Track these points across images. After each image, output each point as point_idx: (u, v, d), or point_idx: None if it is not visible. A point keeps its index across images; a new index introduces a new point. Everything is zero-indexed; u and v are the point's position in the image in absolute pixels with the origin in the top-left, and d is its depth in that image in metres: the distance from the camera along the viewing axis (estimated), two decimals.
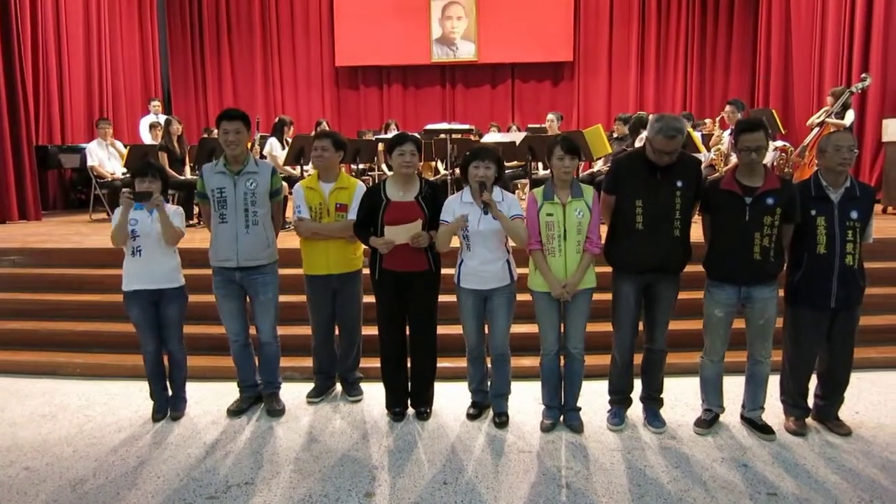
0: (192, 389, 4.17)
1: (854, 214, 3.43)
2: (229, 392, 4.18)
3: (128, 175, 7.64)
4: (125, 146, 8.63)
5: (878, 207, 7.70)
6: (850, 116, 7.62)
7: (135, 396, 4.28)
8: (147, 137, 9.48)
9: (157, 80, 12.42)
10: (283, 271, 4.13)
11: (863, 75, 7.87)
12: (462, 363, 4.01)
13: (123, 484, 3.21)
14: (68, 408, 4.17)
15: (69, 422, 3.96)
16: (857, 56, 9.03)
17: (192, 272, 4.16)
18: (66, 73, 9.75)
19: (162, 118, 9.16)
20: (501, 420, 3.79)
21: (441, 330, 3.99)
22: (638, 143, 6.66)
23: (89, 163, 8.28)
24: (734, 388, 3.80)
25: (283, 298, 4.13)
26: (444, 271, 3.88)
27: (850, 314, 3.56)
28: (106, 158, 8.36)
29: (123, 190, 3.72)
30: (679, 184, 3.47)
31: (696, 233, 3.67)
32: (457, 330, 3.94)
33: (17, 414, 4.08)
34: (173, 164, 7.60)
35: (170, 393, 4.04)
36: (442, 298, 3.92)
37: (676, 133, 3.35)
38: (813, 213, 3.46)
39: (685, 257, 3.61)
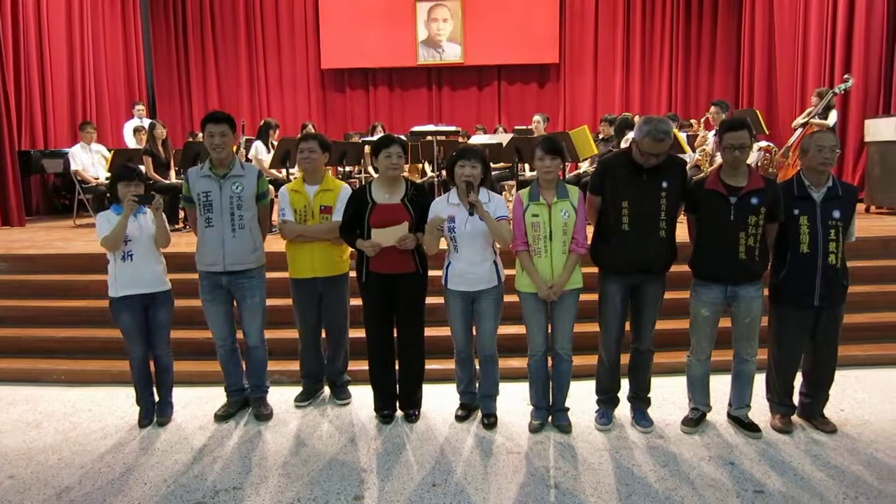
0: (179, 395, 4.15)
1: (836, 214, 3.46)
2: (216, 397, 4.15)
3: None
4: (109, 150, 8.57)
5: (860, 207, 7.79)
6: (833, 117, 7.69)
7: (120, 402, 4.25)
8: (131, 141, 9.42)
9: (142, 83, 12.33)
10: (270, 275, 4.11)
11: (845, 76, 7.95)
12: (450, 365, 4.01)
13: (110, 491, 3.18)
14: (53, 415, 4.13)
15: (54, 429, 3.92)
16: (840, 57, 9.13)
17: (177, 276, 4.13)
18: (49, 77, 9.65)
19: (146, 122, 9.10)
20: (490, 421, 3.80)
21: (429, 332, 3.99)
22: (624, 144, 6.69)
23: (73, 167, 8.19)
24: (721, 387, 3.83)
25: (270, 302, 4.12)
26: (431, 273, 3.88)
27: (834, 312, 3.59)
28: (90, 163, 8.29)
29: (129, 195, 3.67)
30: (664, 184, 3.49)
31: (682, 233, 3.69)
32: (445, 332, 3.94)
33: (1, 422, 4.04)
34: (158, 168, 7.54)
35: (156, 398, 4.01)
36: (429, 300, 3.93)
37: (664, 136, 3.37)
38: (796, 212, 3.49)
39: (671, 258, 3.63)
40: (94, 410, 4.19)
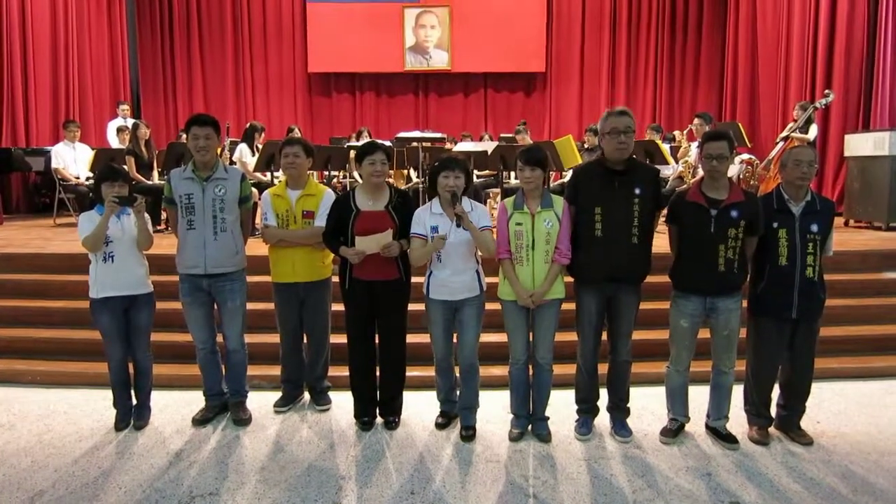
0: (157, 398, 4.11)
1: (814, 228, 3.50)
2: (195, 401, 4.12)
3: (92, 179, 7.49)
4: (92, 149, 8.49)
5: (839, 221, 7.89)
6: (813, 131, 7.80)
7: (97, 405, 4.20)
8: (115, 141, 9.34)
9: (126, 83, 12.21)
10: (251, 279, 4.09)
11: (826, 91, 8.06)
12: (431, 372, 3.99)
13: (84, 495, 3.14)
14: (27, 417, 4.07)
15: (28, 431, 3.87)
16: (821, 73, 9.28)
17: (158, 279, 4.09)
18: (32, 75, 9.54)
19: (130, 122, 9.03)
20: (468, 434, 3.77)
21: (410, 339, 3.98)
22: None
23: (53, 165, 8.11)
24: (699, 398, 3.85)
25: (251, 306, 4.10)
26: (413, 280, 3.87)
27: (811, 325, 3.63)
28: (72, 161, 8.21)
29: (110, 196, 3.63)
30: (637, 191, 3.52)
31: (661, 244, 3.72)
32: (426, 339, 3.93)
33: None
34: (141, 168, 7.49)
35: (134, 401, 3.97)
36: (411, 307, 3.92)
37: (623, 113, 3.50)
38: (775, 225, 3.53)
39: (645, 267, 3.64)
40: (70, 413, 4.13)
